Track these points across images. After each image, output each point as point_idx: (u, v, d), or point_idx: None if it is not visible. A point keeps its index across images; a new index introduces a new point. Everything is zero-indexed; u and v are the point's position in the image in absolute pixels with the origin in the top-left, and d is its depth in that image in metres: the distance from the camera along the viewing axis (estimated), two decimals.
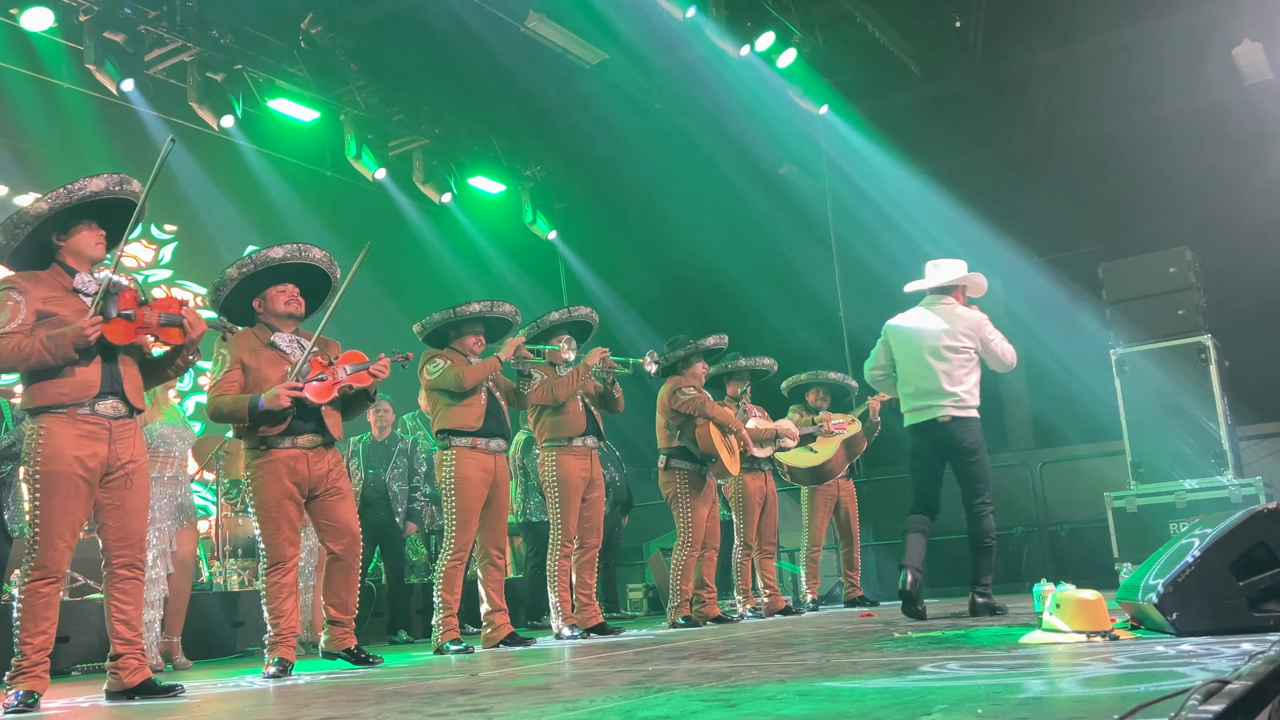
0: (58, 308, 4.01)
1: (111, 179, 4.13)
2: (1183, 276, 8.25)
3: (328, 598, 4.99)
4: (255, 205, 10.11)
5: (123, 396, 4.10)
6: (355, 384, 4.92)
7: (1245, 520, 3.32)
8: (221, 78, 9.30)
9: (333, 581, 4.98)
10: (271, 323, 4.93)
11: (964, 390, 5.72)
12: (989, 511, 5.72)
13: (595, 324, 6.78)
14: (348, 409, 5.07)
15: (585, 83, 11.08)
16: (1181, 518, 7.76)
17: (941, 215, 10.72)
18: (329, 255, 5.02)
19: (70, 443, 3.96)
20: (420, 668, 4.69)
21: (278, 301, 4.90)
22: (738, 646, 4.50)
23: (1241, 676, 1.85)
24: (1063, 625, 3.52)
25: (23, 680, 3.88)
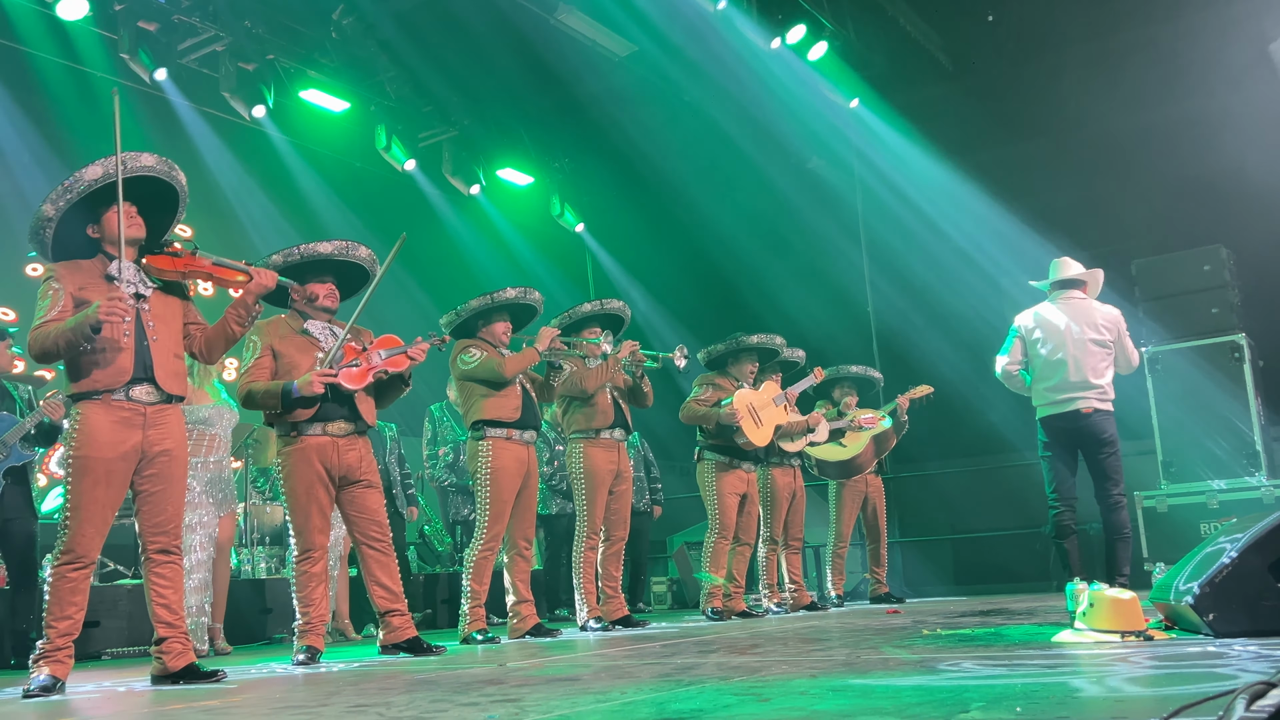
0: (91, 294, 4.04)
1: (109, 162, 4.14)
2: (1217, 274, 8.16)
3: (373, 590, 4.98)
4: (286, 195, 10.15)
5: (155, 383, 4.12)
6: (390, 369, 4.94)
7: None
8: (253, 68, 9.35)
9: (374, 574, 4.97)
10: (306, 311, 4.97)
11: (1106, 383, 5.92)
12: (1125, 503, 5.92)
13: (627, 318, 6.78)
14: (383, 395, 5.08)
15: (614, 75, 11.06)
16: (1213, 518, 7.68)
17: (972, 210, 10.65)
18: (373, 255, 5.04)
19: (105, 428, 4.00)
20: (448, 658, 4.70)
21: (318, 294, 4.95)
22: (765, 641, 4.49)
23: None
24: (1097, 625, 3.49)
25: (45, 664, 3.91)
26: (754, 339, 7.29)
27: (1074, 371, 5.84)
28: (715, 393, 7.09)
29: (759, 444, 7.05)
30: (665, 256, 12.76)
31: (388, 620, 4.95)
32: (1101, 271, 6.22)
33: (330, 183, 10.40)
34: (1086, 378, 5.82)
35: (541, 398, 6.11)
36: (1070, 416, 5.84)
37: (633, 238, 13.02)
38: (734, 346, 7.26)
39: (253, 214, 9.80)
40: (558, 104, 11.97)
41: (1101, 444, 5.80)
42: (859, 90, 11.27)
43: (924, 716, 2.01)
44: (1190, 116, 10.54)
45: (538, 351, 5.80)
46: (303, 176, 10.24)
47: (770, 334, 7.41)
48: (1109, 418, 5.86)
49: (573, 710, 2.46)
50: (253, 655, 5.99)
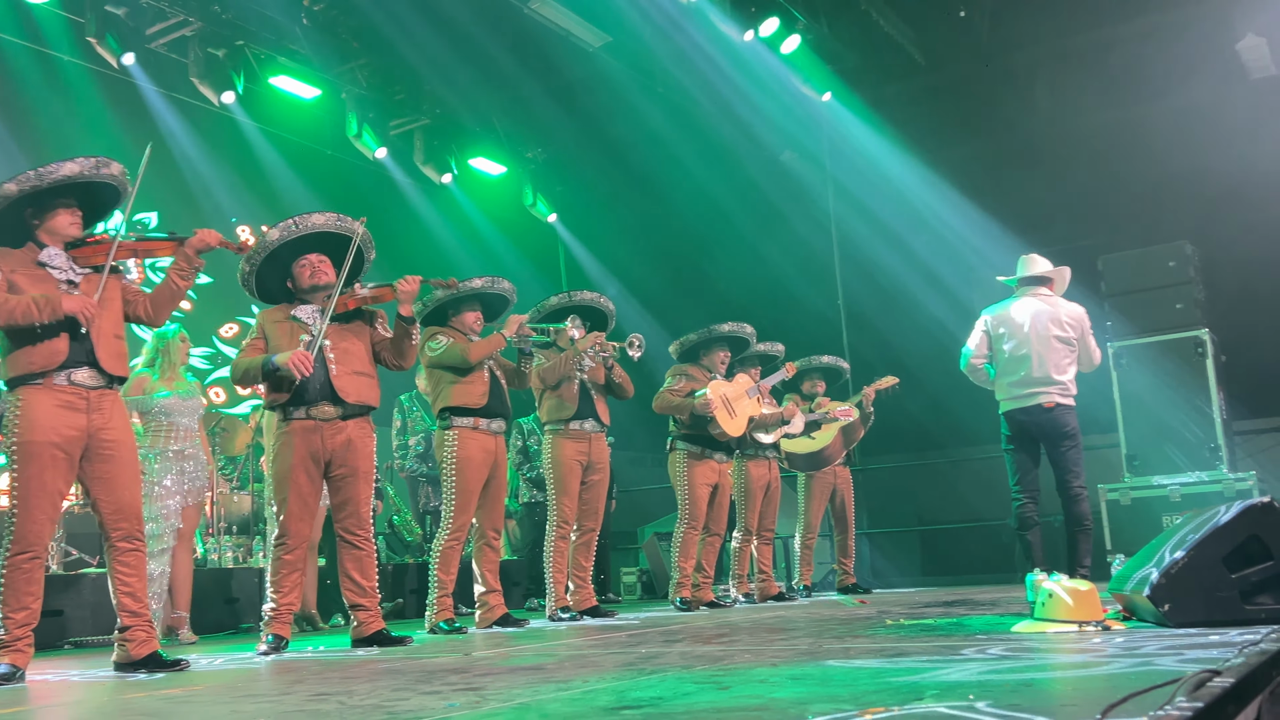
0: (22, 281, 4.02)
1: (87, 163, 4.13)
2: (1182, 270, 8.27)
3: (343, 582, 4.97)
4: (255, 182, 10.07)
5: (98, 366, 4.08)
6: (375, 300, 4.94)
7: (1239, 514, 3.33)
8: (223, 53, 9.27)
9: (346, 567, 4.95)
10: (303, 296, 4.94)
11: (1068, 379, 5.99)
12: (1086, 495, 5.98)
13: (610, 313, 6.78)
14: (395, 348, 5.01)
15: (588, 65, 11.05)
16: (1175, 511, 7.78)
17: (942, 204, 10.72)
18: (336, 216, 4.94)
19: (47, 413, 3.95)
20: (414, 648, 4.70)
21: (303, 277, 4.91)
22: (731, 631, 4.52)
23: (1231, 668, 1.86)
24: (1055, 615, 3.53)
25: (5, 654, 3.88)
26: (725, 328, 7.31)
27: (1037, 367, 5.91)
28: (689, 383, 7.11)
29: (733, 434, 7.08)
30: (638, 248, 12.77)
31: (355, 614, 4.95)
32: (1068, 269, 6.29)
33: (300, 170, 10.32)
34: (1049, 373, 5.89)
35: (513, 385, 6.09)
36: (1032, 411, 5.92)
37: (606, 229, 13.01)
38: (706, 336, 7.28)
39: (221, 201, 9.72)
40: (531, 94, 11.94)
41: (1063, 437, 5.89)
42: (831, 84, 11.31)
43: (878, 703, 2.03)
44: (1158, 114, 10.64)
45: (504, 337, 5.79)
46: (272, 163, 10.16)
47: (741, 323, 7.43)
48: (1070, 412, 5.94)
49: (534, 699, 2.47)
50: (219, 644, 5.96)
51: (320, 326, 4.80)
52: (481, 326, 5.98)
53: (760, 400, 7.35)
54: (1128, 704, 1.78)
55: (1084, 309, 6.17)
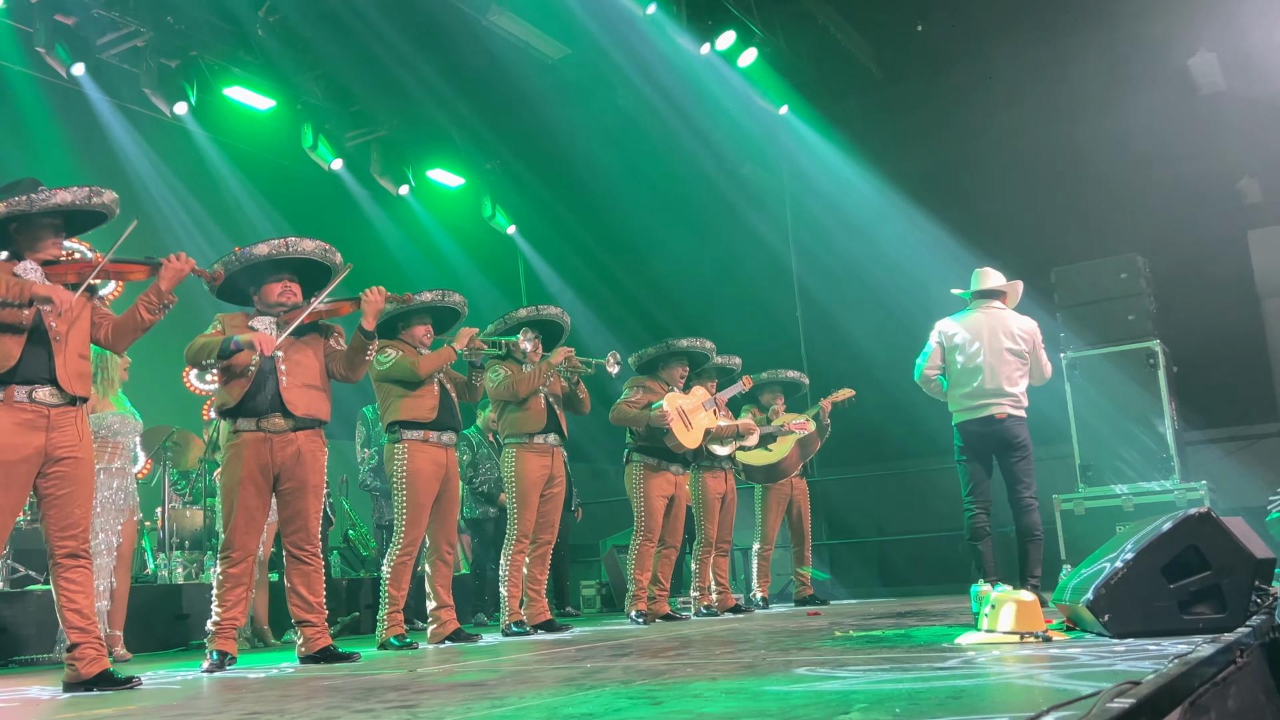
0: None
1: (80, 192, 4.19)
2: (1134, 282, 8.36)
3: (290, 598, 4.91)
4: (208, 193, 9.97)
5: (58, 384, 4.04)
6: (332, 314, 4.93)
7: (1177, 524, 3.36)
8: (176, 64, 9.18)
9: (293, 581, 4.89)
10: (264, 310, 4.93)
11: (1019, 391, 6.08)
12: (1036, 505, 6.06)
13: (566, 324, 6.76)
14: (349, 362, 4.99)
15: (547, 77, 11.04)
16: (1128, 521, 7.84)
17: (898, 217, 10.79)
18: (323, 245, 4.96)
19: (5, 430, 3.91)
20: (361, 664, 4.65)
21: (272, 294, 4.91)
22: (681, 645, 4.50)
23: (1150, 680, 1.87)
24: (998, 626, 3.54)
25: None
26: (684, 343, 7.32)
27: (989, 379, 5.98)
28: (645, 395, 7.11)
29: (689, 447, 7.08)
30: (597, 259, 12.76)
31: (302, 630, 4.88)
32: (1021, 283, 6.36)
33: (255, 181, 10.24)
34: (1001, 385, 5.96)
35: (464, 398, 6.05)
36: (984, 421, 5.98)
37: (565, 240, 13.00)
38: (664, 350, 7.29)
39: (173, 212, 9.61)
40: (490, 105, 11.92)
41: (1014, 448, 5.95)
42: (788, 97, 11.36)
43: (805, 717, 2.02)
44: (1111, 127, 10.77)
45: (454, 350, 5.75)
46: (226, 174, 10.07)
47: (700, 338, 7.44)
48: (1022, 424, 6.00)
49: (465, 716, 2.44)
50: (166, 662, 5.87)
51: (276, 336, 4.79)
52: (431, 339, 5.94)
53: (717, 413, 7.35)
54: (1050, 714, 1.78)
55: (1036, 323, 6.24)
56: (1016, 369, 6.02)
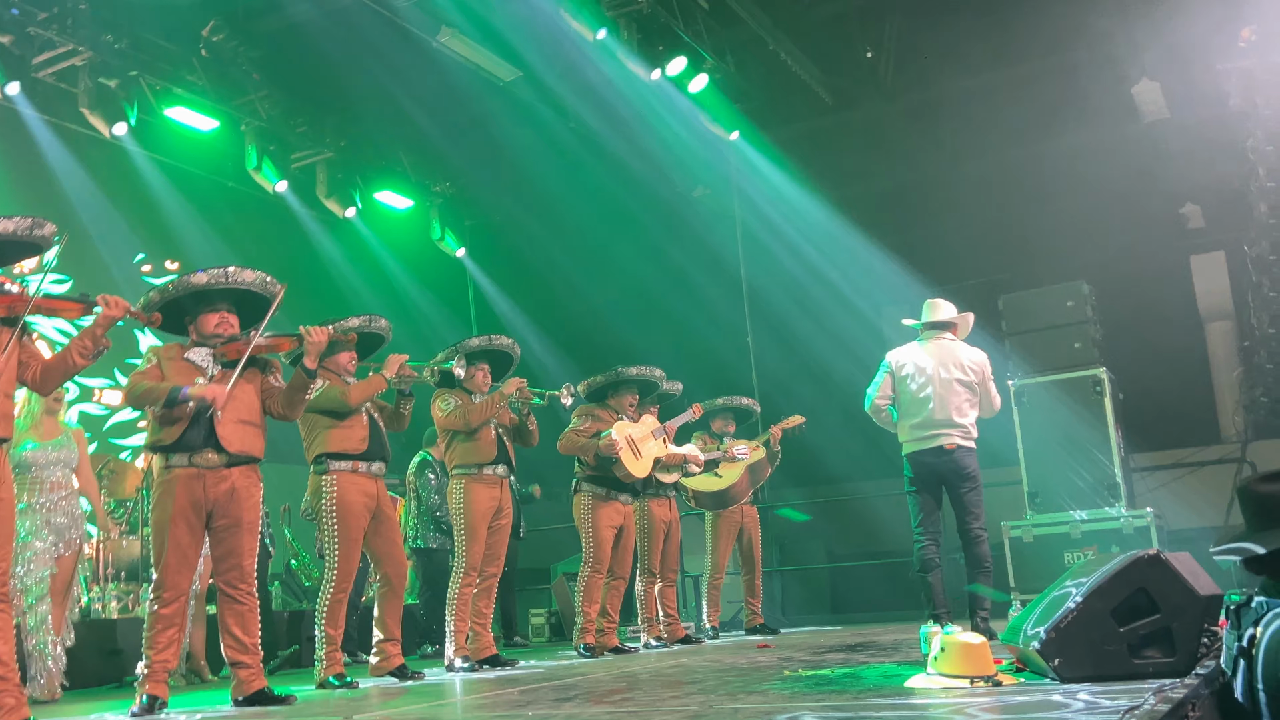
0: None
1: (22, 223, 4.06)
2: (1080, 310, 8.42)
3: (224, 638, 4.75)
4: (147, 214, 9.75)
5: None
6: (270, 350, 4.81)
7: (1126, 566, 3.32)
8: (115, 84, 8.98)
9: (226, 621, 4.72)
10: (199, 341, 4.80)
11: (969, 422, 6.08)
12: (986, 537, 6.04)
13: (516, 356, 6.66)
14: (288, 400, 4.86)
15: (498, 100, 10.96)
16: (1076, 548, 7.89)
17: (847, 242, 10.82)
18: (263, 276, 4.84)
19: None
20: (296, 708, 4.50)
21: (208, 324, 4.77)
22: (629, 685, 4.40)
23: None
24: (948, 669, 3.49)
25: None
26: (633, 371, 7.24)
27: (939, 409, 5.98)
28: (594, 424, 7.03)
29: (638, 476, 7.00)
30: (547, 284, 12.68)
31: (235, 672, 4.72)
32: (971, 315, 6.37)
33: (196, 203, 10.03)
34: (950, 416, 5.96)
35: (391, 427, 5.89)
36: (934, 452, 5.97)
37: (515, 264, 12.90)
38: (613, 378, 7.20)
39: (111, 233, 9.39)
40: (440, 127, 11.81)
41: (963, 479, 5.94)
42: (739, 123, 11.36)
43: None
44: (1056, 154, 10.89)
45: (384, 378, 5.62)
46: (166, 196, 9.85)
47: (650, 366, 7.37)
48: (971, 455, 6.00)
49: None
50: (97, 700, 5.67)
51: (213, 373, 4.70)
52: (355, 367, 5.79)
53: (666, 441, 7.28)
54: None
55: (985, 355, 6.24)
56: (966, 400, 6.03)
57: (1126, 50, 10.43)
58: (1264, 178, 9.47)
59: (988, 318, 8.21)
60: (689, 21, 10.14)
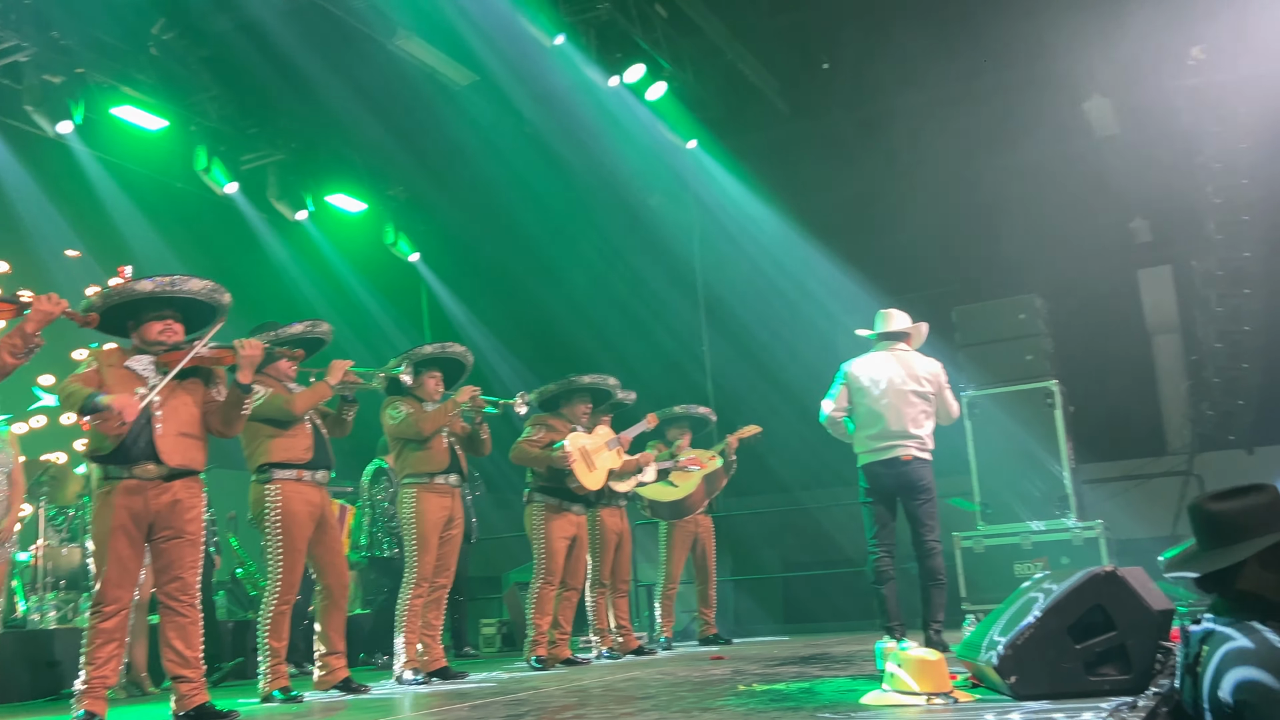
0: None
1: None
2: (1032, 323, 8.48)
3: (164, 652, 4.63)
4: (93, 214, 9.52)
5: None
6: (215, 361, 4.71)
7: (1083, 583, 3.32)
8: (61, 81, 8.76)
9: (167, 635, 4.60)
10: (142, 348, 4.68)
11: (925, 434, 6.05)
12: (940, 549, 6.01)
13: (469, 364, 6.56)
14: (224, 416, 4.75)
15: (454, 104, 10.85)
16: (1027, 559, 7.93)
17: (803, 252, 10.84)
18: (210, 285, 4.73)
19: None
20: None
21: (151, 331, 4.66)
22: (580, 701, 4.34)
23: None
24: (903, 686, 3.46)
25: None
26: (586, 379, 7.18)
27: (894, 421, 5.97)
28: (548, 434, 6.95)
29: (591, 488, 6.93)
30: (501, 290, 12.59)
31: (177, 686, 4.60)
32: (925, 325, 6.37)
33: (143, 204, 9.81)
34: (906, 427, 5.95)
35: (334, 433, 5.78)
36: (890, 464, 5.96)
37: (469, 269, 12.79)
38: (566, 387, 7.13)
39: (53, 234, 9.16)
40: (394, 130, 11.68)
41: (918, 491, 5.93)
42: (696, 132, 11.35)
43: None
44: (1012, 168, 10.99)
45: (329, 386, 5.51)
46: (112, 196, 9.62)
47: (603, 374, 7.31)
48: (927, 466, 5.99)
49: None
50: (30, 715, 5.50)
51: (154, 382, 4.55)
52: (297, 373, 5.68)
53: (620, 452, 7.22)
54: None
55: (941, 364, 6.25)
56: (922, 411, 6.03)
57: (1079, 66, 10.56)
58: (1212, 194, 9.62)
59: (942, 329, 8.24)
60: (648, 29, 10.12)
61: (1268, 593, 2.52)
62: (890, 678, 3.53)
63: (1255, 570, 2.52)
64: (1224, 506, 2.60)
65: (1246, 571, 2.52)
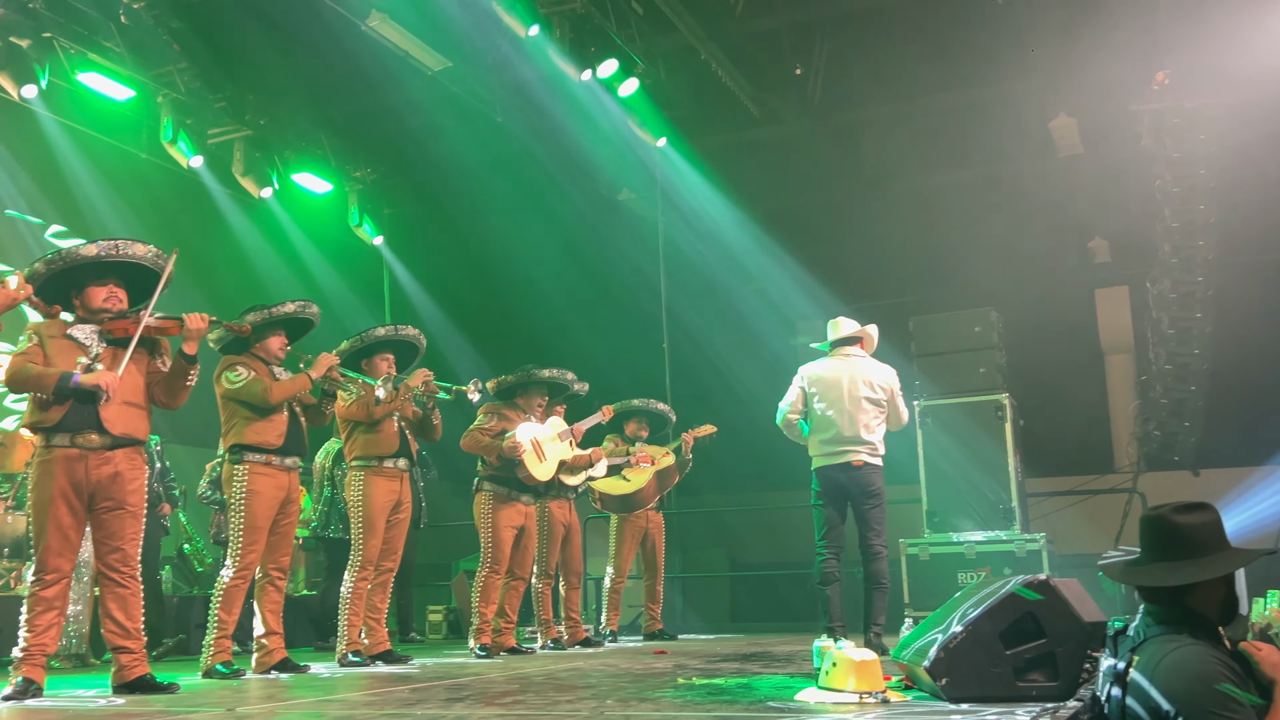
0: None
1: None
2: (986, 335, 8.60)
3: (105, 624, 4.62)
4: (53, 180, 9.42)
5: None
6: (162, 331, 4.70)
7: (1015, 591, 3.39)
8: (28, 44, 8.66)
9: (108, 606, 4.60)
10: (84, 317, 4.65)
11: (877, 439, 6.14)
12: (885, 554, 6.11)
13: (422, 347, 6.55)
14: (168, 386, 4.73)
15: (425, 89, 10.82)
16: (970, 568, 8.04)
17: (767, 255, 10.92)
18: (155, 250, 4.71)
19: None
20: (179, 697, 4.38)
21: (95, 298, 4.64)
22: (521, 688, 4.37)
23: None
24: (838, 684, 3.53)
25: None
26: (545, 373, 7.20)
27: (847, 426, 6.05)
28: (500, 423, 6.96)
29: (541, 479, 6.95)
30: (465, 276, 12.57)
31: (117, 657, 4.59)
32: (875, 327, 6.46)
33: (106, 173, 9.72)
34: (859, 433, 6.05)
35: (313, 422, 5.82)
36: (841, 468, 6.04)
37: (434, 255, 12.76)
38: (524, 379, 7.15)
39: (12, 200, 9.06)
40: (364, 112, 11.64)
41: (868, 495, 6.03)
42: (666, 130, 11.39)
43: None
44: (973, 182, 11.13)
45: (310, 378, 5.53)
46: (74, 163, 9.52)
47: (562, 369, 7.34)
48: (878, 472, 6.09)
49: None
50: None
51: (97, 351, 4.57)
52: (286, 353, 5.68)
53: (572, 444, 7.25)
54: None
55: (895, 371, 6.34)
56: (875, 417, 6.12)
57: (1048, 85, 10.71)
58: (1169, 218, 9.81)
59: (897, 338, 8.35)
60: (622, 25, 10.14)
61: (1208, 612, 2.59)
62: (826, 675, 3.60)
63: (1204, 589, 2.58)
64: (1187, 520, 2.64)
65: (1199, 589, 2.58)
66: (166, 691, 4.51)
